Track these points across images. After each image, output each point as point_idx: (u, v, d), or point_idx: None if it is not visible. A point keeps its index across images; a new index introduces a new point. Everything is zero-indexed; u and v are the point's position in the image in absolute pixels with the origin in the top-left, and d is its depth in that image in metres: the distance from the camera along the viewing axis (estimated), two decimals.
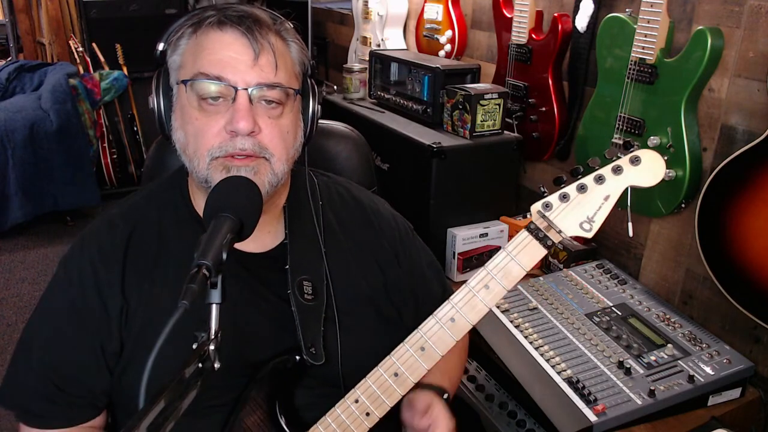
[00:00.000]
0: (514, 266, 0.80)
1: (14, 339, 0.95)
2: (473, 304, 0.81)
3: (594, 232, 0.79)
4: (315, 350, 0.92)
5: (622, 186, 0.78)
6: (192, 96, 0.88)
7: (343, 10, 3.45)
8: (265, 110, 0.88)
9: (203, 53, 0.87)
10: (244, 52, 0.87)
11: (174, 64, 0.92)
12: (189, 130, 0.89)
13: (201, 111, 0.88)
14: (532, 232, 0.80)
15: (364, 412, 0.85)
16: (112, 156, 3.87)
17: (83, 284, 0.92)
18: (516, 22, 1.89)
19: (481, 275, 0.81)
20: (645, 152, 0.77)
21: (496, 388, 1.52)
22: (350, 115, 2.10)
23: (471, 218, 1.80)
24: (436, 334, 0.82)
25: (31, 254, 3.28)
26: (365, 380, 0.85)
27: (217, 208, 0.76)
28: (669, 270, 1.60)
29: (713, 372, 1.26)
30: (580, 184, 0.79)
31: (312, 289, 0.97)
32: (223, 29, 0.88)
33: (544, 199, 0.80)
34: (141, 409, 0.57)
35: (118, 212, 0.99)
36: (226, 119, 0.86)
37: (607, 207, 0.78)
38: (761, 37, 1.32)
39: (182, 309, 0.61)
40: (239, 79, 0.86)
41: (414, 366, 0.83)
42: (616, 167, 0.78)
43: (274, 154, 0.90)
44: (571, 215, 0.79)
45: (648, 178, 0.78)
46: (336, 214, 1.07)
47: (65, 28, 4.05)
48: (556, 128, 1.85)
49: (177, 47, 0.91)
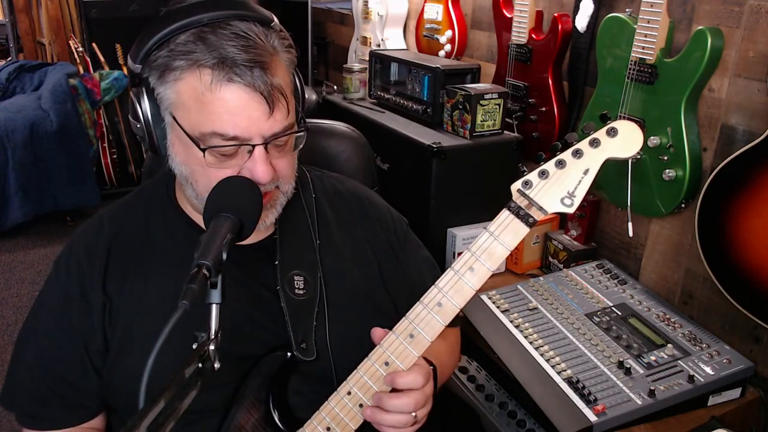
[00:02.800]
0: (497, 246, 0.80)
1: (14, 339, 0.95)
2: (459, 287, 0.81)
3: (575, 207, 0.78)
4: (306, 345, 0.92)
5: (601, 158, 0.77)
6: (207, 155, 0.84)
7: (343, 10, 3.45)
8: (277, 149, 0.88)
9: (214, 113, 0.82)
10: (258, 107, 0.83)
11: (166, 97, 0.86)
12: (198, 171, 0.87)
13: (213, 158, 0.85)
14: (513, 210, 0.80)
15: (357, 403, 0.84)
16: (112, 156, 3.87)
17: (69, 281, 0.93)
18: (516, 22, 1.88)
19: (465, 257, 0.80)
20: (622, 123, 0.77)
21: (496, 388, 1.52)
22: (350, 115, 2.10)
23: (471, 218, 1.80)
24: (424, 320, 0.82)
25: (31, 254, 3.28)
26: (356, 371, 0.85)
27: (217, 209, 0.76)
28: (669, 270, 1.60)
29: (713, 372, 1.26)
30: (558, 159, 0.78)
31: (304, 283, 0.96)
32: (232, 85, 0.82)
33: (524, 177, 0.79)
34: (141, 409, 0.56)
35: (107, 212, 1.00)
36: (241, 166, 0.85)
37: (587, 181, 0.78)
38: (761, 37, 1.32)
39: (182, 309, 0.61)
40: (255, 134, 0.83)
41: (404, 354, 0.83)
42: (593, 140, 0.77)
43: (285, 182, 0.92)
44: (551, 191, 0.78)
45: (626, 149, 0.77)
46: (331, 207, 1.07)
47: (65, 28, 4.05)
48: (556, 128, 1.85)
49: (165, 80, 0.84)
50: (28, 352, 0.94)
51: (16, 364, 0.95)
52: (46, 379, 0.92)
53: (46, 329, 0.93)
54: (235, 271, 0.94)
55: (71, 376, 0.92)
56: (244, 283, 0.95)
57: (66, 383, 0.92)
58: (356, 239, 1.05)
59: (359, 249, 1.05)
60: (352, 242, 1.05)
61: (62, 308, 0.92)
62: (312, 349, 0.92)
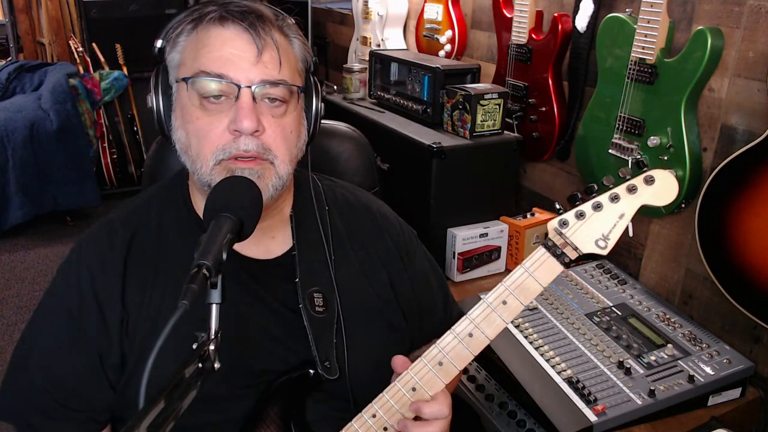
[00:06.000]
0: (531, 282, 0.80)
1: (14, 339, 0.95)
2: (491, 319, 0.81)
3: (609, 250, 0.80)
4: (329, 364, 0.91)
5: (636, 204, 0.79)
6: (193, 94, 0.85)
7: (343, 10, 3.45)
8: (268, 108, 0.86)
9: (204, 50, 0.85)
10: (247, 49, 0.84)
11: (173, 61, 0.89)
12: (190, 129, 0.87)
13: (203, 110, 0.85)
14: (549, 249, 0.81)
15: (381, 426, 0.84)
16: (112, 156, 3.87)
17: (81, 292, 0.89)
18: (516, 22, 1.89)
19: (499, 291, 0.81)
20: (659, 172, 0.79)
21: (496, 388, 1.52)
22: (350, 115, 2.10)
23: (471, 218, 1.80)
24: (454, 350, 0.82)
25: (31, 254, 3.28)
26: (383, 394, 0.84)
27: (217, 208, 0.75)
28: (669, 270, 1.60)
29: (713, 372, 1.26)
30: (596, 202, 0.80)
31: (323, 301, 0.95)
32: (224, 25, 0.85)
33: (561, 216, 0.81)
34: (141, 409, 0.56)
35: (118, 216, 0.96)
36: (230, 118, 0.84)
37: (621, 225, 0.79)
38: (761, 37, 1.32)
39: (182, 309, 0.60)
40: (242, 76, 0.84)
41: (432, 381, 0.83)
42: (631, 186, 0.79)
43: (277, 156, 0.88)
44: (586, 233, 0.80)
45: (661, 198, 0.79)
46: (344, 221, 1.04)
47: (65, 28, 4.05)
48: (556, 128, 1.85)
49: (176, 44, 0.89)
50: (31, 363, 0.90)
51: (16, 374, 0.91)
52: (54, 391, 0.88)
53: (54, 341, 0.89)
54: (253, 287, 0.93)
55: (83, 389, 0.88)
56: (262, 299, 0.94)
57: (77, 396, 0.88)
58: (368, 252, 1.03)
59: (371, 262, 1.03)
60: (364, 255, 1.03)
61: (74, 320, 0.88)
62: (335, 367, 0.91)
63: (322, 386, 0.91)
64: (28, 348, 0.91)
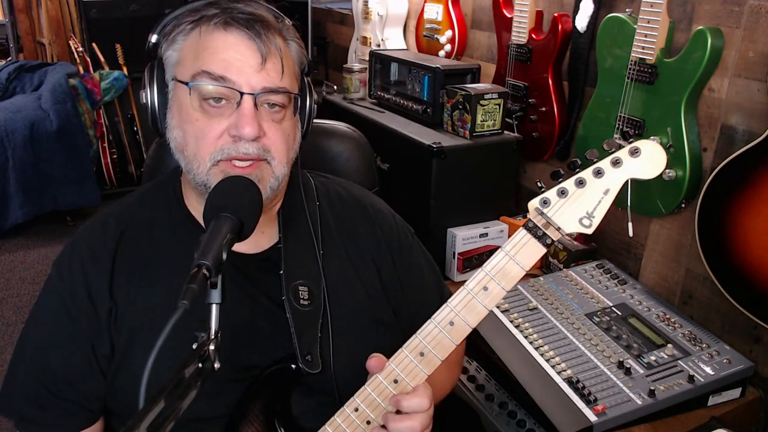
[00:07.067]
0: (512, 266, 0.77)
1: (14, 339, 0.95)
2: (472, 306, 0.78)
3: (594, 228, 0.76)
4: (311, 358, 0.91)
5: (622, 179, 0.75)
6: (194, 96, 0.85)
7: (343, 10, 3.45)
8: (268, 114, 0.87)
9: (206, 52, 0.85)
10: (251, 55, 0.85)
11: (170, 59, 0.89)
12: (188, 130, 0.87)
13: (202, 112, 0.86)
14: (530, 230, 0.77)
15: (364, 420, 0.83)
16: (112, 156, 3.87)
17: (73, 284, 0.91)
18: (516, 22, 1.88)
19: (479, 277, 0.78)
20: (645, 143, 0.74)
21: (496, 388, 1.52)
22: (350, 115, 2.10)
23: (471, 218, 1.80)
24: (435, 339, 0.80)
25: (31, 254, 3.28)
26: (364, 388, 0.83)
27: (217, 208, 0.75)
28: (669, 270, 1.60)
29: (713, 372, 1.26)
30: (579, 178, 0.76)
31: (308, 294, 0.95)
32: (228, 30, 0.85)
33: (542, 195, 0.76)
34: (141, 409, 0.56)
35: (111, 212, 0.98)
36: (230, 122, 0.85)
37: (607, 201, 0.75)
38: (761, 37, 1.32)
39: (182, 309, 0.60)
40: (244, 82, 0.84)
41: (414, 372, 0.81)
42: (616, 159, 0.75)
43: (275, 157, 0.89)
44: (569, 211, 0.76)
45: (649, 170, 0.75)
46: (335, 215, 1.05)
47: (65, 28, 4.05)
48: (556, 128, 1.85)
49: (174, 42, 0.89)
50: (28, 355, 0.92)
51: (15, 369, 0.93)
52: (48, 382, 0.90)
53: (49, 332, 0.91)
54: (240, 281, 0.94)
55: (76, 379, 0.90)
56: (249, 293, 0.94)
57: (71, 387, 0.90)
58: (357, 246, 1.04)
59: (360, 257, 1.03)
60: (354, 250, 1.03)
61: (67, 311, 0.90)
62: (317, 361, 0.91)
63: (305, 380, 0.91)
64: (25, 343, 0.93)
